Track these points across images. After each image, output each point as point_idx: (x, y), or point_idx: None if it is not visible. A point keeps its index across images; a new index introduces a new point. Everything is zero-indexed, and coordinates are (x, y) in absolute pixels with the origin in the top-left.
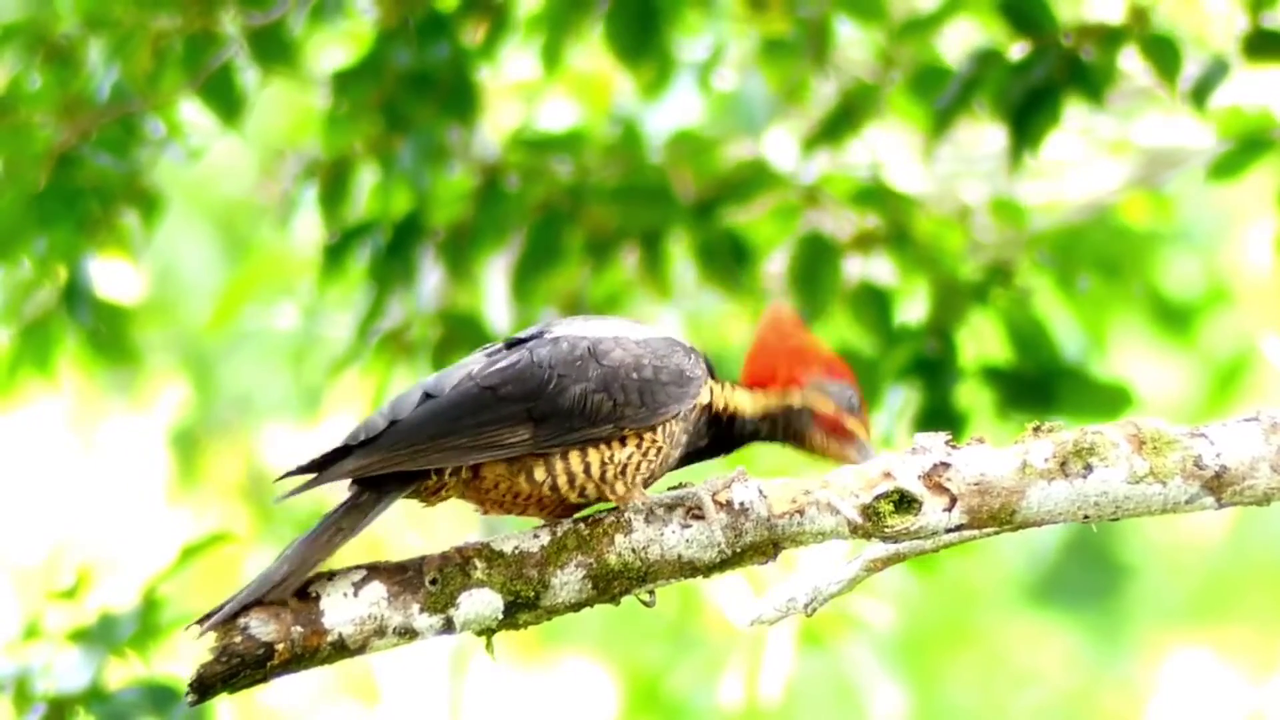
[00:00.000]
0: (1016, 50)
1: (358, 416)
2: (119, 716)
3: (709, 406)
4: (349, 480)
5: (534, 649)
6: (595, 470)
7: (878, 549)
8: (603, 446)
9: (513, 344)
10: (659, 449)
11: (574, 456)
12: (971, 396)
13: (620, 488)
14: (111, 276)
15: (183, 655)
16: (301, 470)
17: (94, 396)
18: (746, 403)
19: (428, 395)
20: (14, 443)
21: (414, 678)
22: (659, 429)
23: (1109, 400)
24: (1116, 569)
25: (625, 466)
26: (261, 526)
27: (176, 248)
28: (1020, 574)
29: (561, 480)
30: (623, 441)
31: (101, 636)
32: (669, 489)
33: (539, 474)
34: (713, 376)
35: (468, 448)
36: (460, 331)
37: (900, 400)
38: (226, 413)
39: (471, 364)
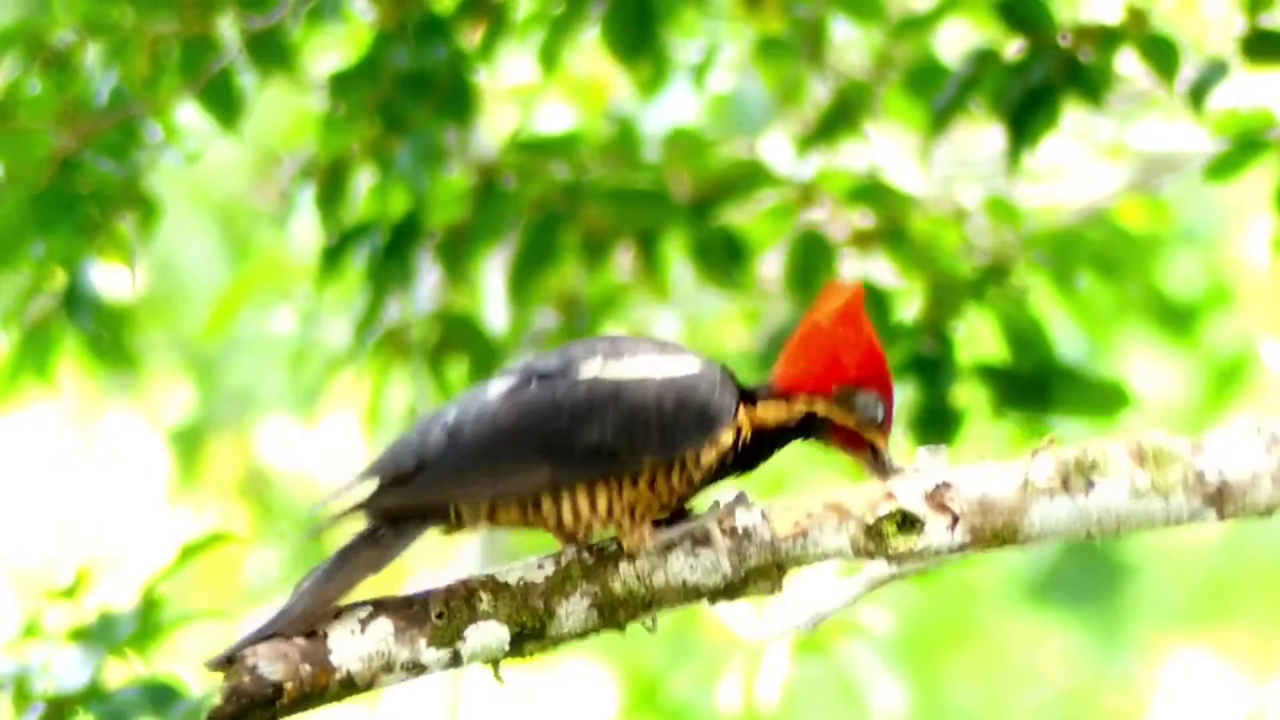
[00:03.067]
0: (1014, 50)
1: (357, 417)
2: (118, 716)
3: (738, 433)
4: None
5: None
6: (602, 509)
7: (878, 567)
8: (614, 484)
9: (537, 375)
10: (671, 490)
11: (582, 496)
12: (968, 395)
13: (626, 523)
14: (112, 280)
15: (183, 655)
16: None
17: (95, 396)
18: (770, 417)
19: (451, 434)
20: (14, 442)
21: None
22: (674, 470)
23: (1106, 399)
24: (1116, 569)
25: (634, 507)
26: (261, 525)
27: (176, 244)
28: (1020, 573)
29: (568, 517)
30: (634, 481)
31: (101, 635)
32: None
33: (546, 508)
34: (745, 398)
35: (488, 487)
36: (457, 332)
37: (898, 399)
38: (227, 409)
39: (490, 395)
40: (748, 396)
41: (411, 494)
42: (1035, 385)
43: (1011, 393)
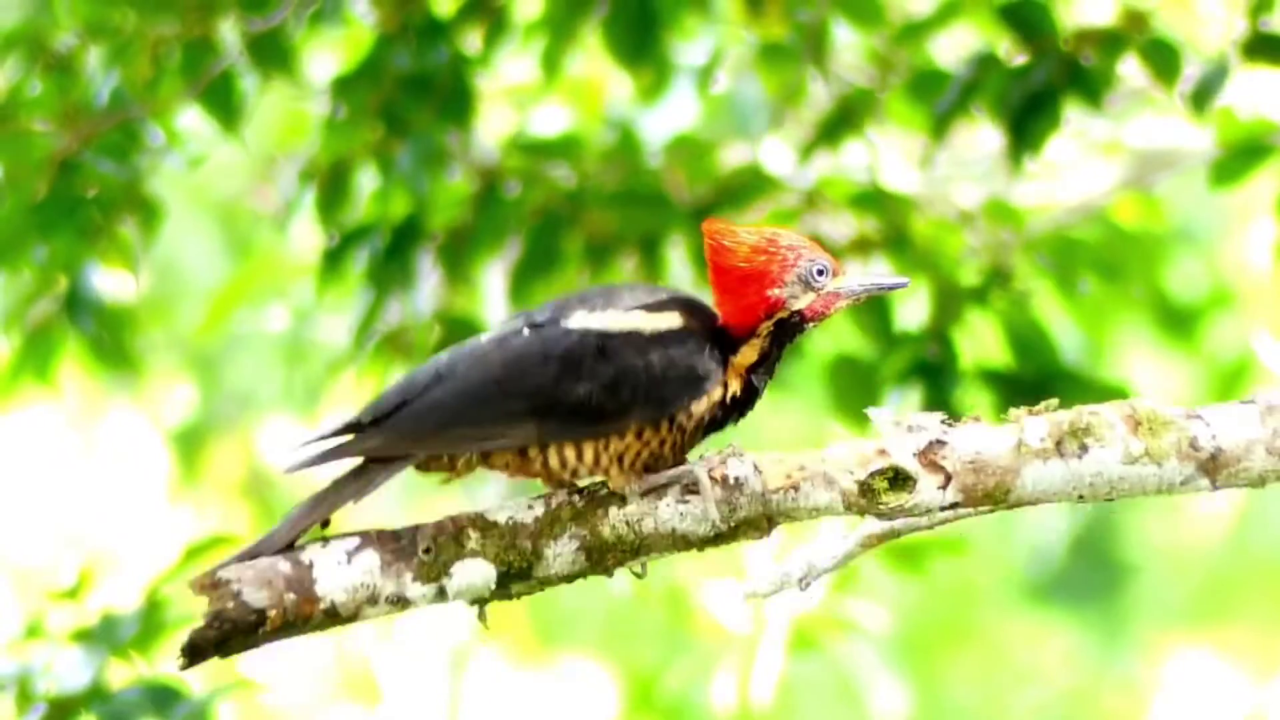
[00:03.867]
0: (1016, 55)
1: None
2: (120, 717)
3: (725, 390)
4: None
5: (534, 649)
6: (589, 458)
7: (872, 525)
8: (601, 439)
9: (532, 325)
10: (661, 441)
11: (569, 448)
12: (971, 399)
13: (614, 471)
14: (113, 282)
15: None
16: (311, 448)
17: (96, 396)
18: (750, 356)
19: (440, 376)
20: (15, 441)
21: (414, 678)
22: (662, 425)
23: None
24: (1118, 568)
25: (621, 456)
26: (262, 525)
27: (177, 245)
28: (1021, 573)
29: (554, 464)
30: (621, 435)
31: (103, 636)
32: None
33: (533, 455)
34: (727, 345)
35: (472, 439)
36: (458, 334)
37: (900, 403)
38: (228, 409)
39: (484, 346)
40: (728, 342)
41: (394, 429)
42: (1039, 388)
43: (1015, 396)
